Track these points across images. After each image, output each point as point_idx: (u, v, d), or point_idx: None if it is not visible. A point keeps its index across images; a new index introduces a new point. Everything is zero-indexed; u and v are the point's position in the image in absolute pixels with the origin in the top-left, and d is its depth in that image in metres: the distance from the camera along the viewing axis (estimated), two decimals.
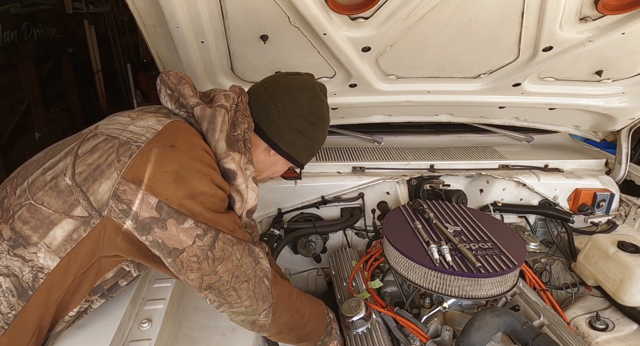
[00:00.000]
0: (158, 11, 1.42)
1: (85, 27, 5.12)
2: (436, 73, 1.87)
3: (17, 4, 3.86)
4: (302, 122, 1.23)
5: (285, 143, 1.24)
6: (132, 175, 0.96)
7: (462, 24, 1.52)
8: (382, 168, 2.13)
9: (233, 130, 1.13)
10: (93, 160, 0.99)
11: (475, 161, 2.20)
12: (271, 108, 1.22)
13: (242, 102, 1.21)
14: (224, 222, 1.06)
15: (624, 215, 2.11)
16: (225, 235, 1.05)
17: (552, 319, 1.36)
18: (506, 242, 1.47)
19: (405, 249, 1.41)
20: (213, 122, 1.08)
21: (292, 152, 1.27)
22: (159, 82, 1.16)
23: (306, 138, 1.25)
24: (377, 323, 1.38)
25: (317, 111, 1.25)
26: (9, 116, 3.88)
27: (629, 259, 1.54)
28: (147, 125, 1.05)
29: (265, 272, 1.15)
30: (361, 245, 2.08)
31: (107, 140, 1.01)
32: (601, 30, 1.53)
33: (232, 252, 1.06)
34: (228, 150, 1.08)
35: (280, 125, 1.22)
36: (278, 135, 1.23)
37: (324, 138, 1.35)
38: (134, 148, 0.99)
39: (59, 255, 0.97)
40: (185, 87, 1.14)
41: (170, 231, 0.97)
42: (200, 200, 1.00)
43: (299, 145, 1.26)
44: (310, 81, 1.28)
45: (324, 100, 1.29)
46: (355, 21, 1.50)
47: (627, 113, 2.09)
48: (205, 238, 1.01)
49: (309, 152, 1.31)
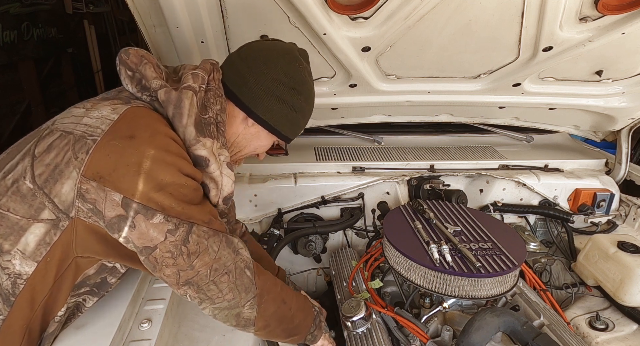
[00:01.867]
0: (158, 11, 1.42)
1: (85, 27, 5.12)
2: (436, 73, 1.87)
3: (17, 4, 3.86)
4: (280, 88, 1.13)
5: (263, 110, 1.15)
6: (91, 172, 0.90)
7: (462, 24, 1.52)
8: (382, 168, 2.13)
9: (204, 113, 1.05)
10: (50, 159, 0.92)
11: (475, 161, 2.20)
12: (246, 73, 1.13)
13: (214, 80, 1.12)
14: (197, 214, 0.99)
15: (624, 215, 2.11)
16: (199, 228, 0.99)
17: (552, 319, 1.36)
18: (506, 242, 1.47)
19: (405, 249, 1.41)
20: (179, 107, 0.99)
21: (273, 121, 1.17)
22: (118, 62, 1.06)
23: (287, 106, 1.16)
24: (377, 323, 1.38)
25: (297, 75, 1.15)
26: (9, 116, 3.88)
27: (629, 259, 1.54)
28: (101, 116, 0.96)
29: (246, 263, 1.10)
30: (361, 245, 2.08)
31: (62, 137, 0.94)
32: (601, 30, 1.53)
33: (208, 245, 1.00)
34: (198, 136, 1.01)
35: (256, 91, 1.13)
36: (255, 101, 1.14)
37: (309, 108, 1.24)
38: (90, 142, 0.91)
39: (35, 259, 0.94)
40: (147, 68, 1.03)
41: (140, 228, 0.92)
42: (168, 191, 0.94)
43: (279, 114, 1.16)
44: (288, 45, 1.21)
45: (305, 65, 1.20)
46: (355, 21, 1.50)
47: (627, 113, 2.09)
48: (177, 233, 0.95)
49: (292, 123, 1.21)
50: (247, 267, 1.10)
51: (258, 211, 1.99)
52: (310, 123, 2.28)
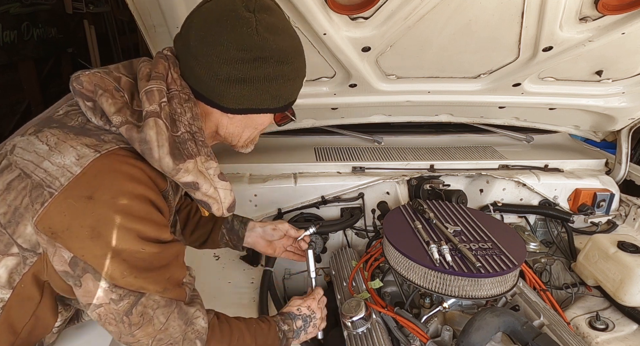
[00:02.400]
0: (158, 11, 1.42)
1: (85, 27, 5.12)
2: (436, 73, 1.87)
3: (17, 4, 3.86)
4: (238, 67, 0.94)
5: (230, 100, 0.99)
6: (43, 226, 0.85)
7: (462, 24, 1.52)
8: (382, 168, 2.13)
9: (174, 130, 0.93)
10: (11, 200, 0.88)
11: (475, 161, 2.20)
12: (195, 65, 0.97)
13: (175, 81, 0.97)
14: (150, 283, 0.92)
15: (624, 215, 2.11)
16: (149, 298, 0.92)
17: (552, 319, 1.36)
18: (506, 242, 1.47)
19: (405, 249, 1.41)
20: (145, 141, 0.88)
21: (250, 104, 1.01)
22: (72, 93, 0.94)
23: (257, 82, 0.98)
24: (377, 323, 1.38)
25: (250, 41, 0.93)
26: (9, 116, 3.88)
27: (629, 259, 1.54)
28: (63, 165, 0.86)
29: (198, 333, 1.02)
30: (361, 245, 2.08)
31: (21, 178, 0.88)
32: (601, 30, 1.53)
33: (154, 316, 0.93)
34: (177, 164, 0.90)
35: (212, 84, 0.97)
36: (216, 95, 0.99)
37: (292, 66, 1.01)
38: (47, 195, 0.85)
39: (10, 287, 0.92)
40: (103, 100, 0.90)
41: (86, 287, 0.87)
42: (122, 258, 0.87)
43: (253, 94, 0.99)
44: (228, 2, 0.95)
45: (260, 19, 0.94)
46: (355, 21, 1.50)
47: (627, 113, 2.09)
48: (120, 304, 0.89)
49: (278, 91, 1.02)
50: (198, 338, 1.02)
51: (258, 211, 1.99)
52: (310, 123, 2.31)
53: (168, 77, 0.97)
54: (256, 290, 1.60)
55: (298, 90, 1.09)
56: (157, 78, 0.94)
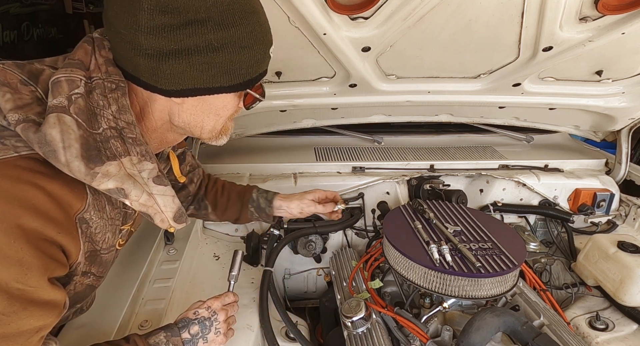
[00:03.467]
0: None
1: (85, 27, 5.12)
2: (436, 73, 1.87)
3: (17, 4, 3.86)
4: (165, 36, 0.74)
5: (166, 80, 0.79)
6: None
7: (462, 24, 1.52)
8: (382, 168, 2.13)
9: (95, 126, 0.76)
10: None
11: (475, 161, 2.20)
12: (117, 41, 0.78)
13: (99, 68, 0.80)
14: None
15: (624, 215, 2.11)
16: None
17: (552, 319, 1.36)
18: (506, 242, 1.47)
19: (405, 249, 1.41)
20: (46, 143, 0.71)
21: (195, 83, 0.80)
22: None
23: (196, 53, 0.77)
24: (377, 323, 1.38)
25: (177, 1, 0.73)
26: None
27: (629, 259, 1.54)
28: None
29: None
30: (361, 245, 2.08)
31: None
32: (601, 30, 1.53)
33: None
34: (91, 168, 0.74)
35: (139, 60, 0.77)
36: (148, 74, 0.79)
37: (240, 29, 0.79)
38: None
39: None
40: (0, 95, 0.73)
41: None
42: None
43: (194, 70, 0.79)
44: None
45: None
46: (355, 21, 1.50)
47: (627, 113, 2.09)
48: None
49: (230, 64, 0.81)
50: None
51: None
52: (310, 123, 2.31)
53: (90, 63, 0.80)
54: (256, 290, 1.60)
55: (261, 61, 0.86)
56: (69, 65, 0.78)
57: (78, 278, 0.90)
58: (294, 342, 1.40)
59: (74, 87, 0.75)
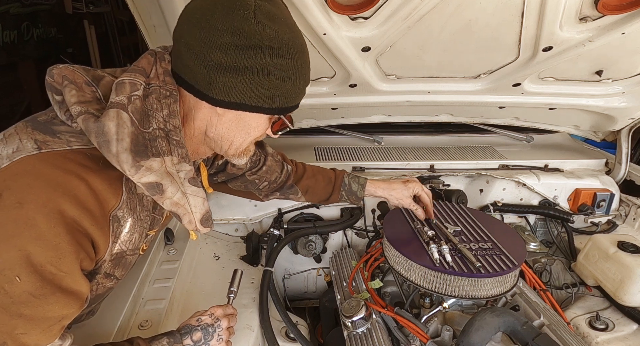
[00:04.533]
0: (158, 11, 1.42)
1: (85, 27, 5.12)
2: (436, 73, 1.87)
3: (17, 4, 3.86)
4: (229, 53, 0.84)
5: (219, 91, 0.88)
6: None
7: (462, 24, 1.52)
8: (382, 168, 2.13)
9: (146, 126, 0.85)
10: None
11: (475, 161, 2.20)
12: (183, 50, 0.87)
13: (157, 76, 0.90)
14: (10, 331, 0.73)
15: (624, 215, 2.11)
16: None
17: (552, 319, 1.36)
18: (506, 242, 1.47)
19: (405, 249, 1.41)
20: (103, 134, 0.79)
21: (241, 99, 0.89)
22: (46, 86, 0.89)
23: (250, 73, 0.86)
24: (377, 323, 1.38)
25: (245, 27, 0.83)
26: (9, 116, 3.88)
27: (629, 259, 1.54)
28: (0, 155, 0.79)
29: None
30: (361, 245, 2.08)
31: None
32: (601, 30, 1.53)
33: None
34: (138, 161, 0.82)
35: (200, 70, 0.86)
36: (205, 83, 0.87)
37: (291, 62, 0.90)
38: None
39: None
40: (67, 91, 0.84)
41: None
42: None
43: (245, 87, 0.88)
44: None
45: (261, 5, 0.85)
46: (355, 21, 1.50)
47: (627, 113, 2.09)
48: None
49: (275, 89, 0.90)
50: None
51: (258, 211, 1.99)
52: (310, 123, 2.31)
53: (151, 72, 0.90)
54: (256, 290, 1.60)
55: (298, 94, 0.96)
56: (134, 71, 0.89)
57: (100, 279, 0.96)
58: (294, 342, 1.41)
59: (134, 90, 0.85)
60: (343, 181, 1.61)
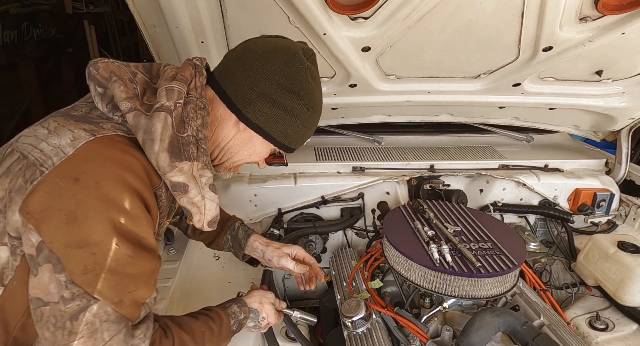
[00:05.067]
0: (158, 11, 1.42)
1: (85, 27, 5.12)
2: (436, 73, 1.87)
3: (17, 4, 3.86)
4: (276, 89, 1.03)
5: (255, 113, 1.04)
6: (27, 206, 0.82)
7: (462, 24, 1.52)
8: (382, 168, 2.13)
9: (181, 131, 0.95)
10: (7, 184, 0.87)
11: (475, 161, 2.20)
12: (238, 71, 1.03)
13: (196, 89, 1.02)
14: (109, 291, 0.84)
15: (624, 215, 2.11)
16: (102, 307, 0.83)
17: (552, 319, 1.36)
18: (506, 242, 1.47)
19: (405, 249, 1.41)
20: (150, 132, 0.89)
21: (266, 126, 1.06)
22: (87, 77, 0.97)
23: (283, 110, 1.05)
24: (377, 323, 1.38)
25: (297, 77, 1.04)
26: (9, 116, 3.88)
27: (629, 259, 1.54)
28: (58, 145, 0.86)
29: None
30: (361, 245, 2.08)
31: (19, 160, 0.87)
32: (601, 30, 1.53)
33: (98, 330, 0.83)
34: (173, 161, 0.91)
35: (247, 92, 1.03)
36: (246, 103, 1.04)
37: (312, 115, 1.12)
38: (37, 174, 0.83)
39: (2, 283, 0.89)
40: (116, 86, 0.93)
41: (41, 278, 0.81)
42: (90, 251, 0.81)
43: (273, 118, 1.06)
44: (291, 43, 1.10)
45: (309, 66, 1.07)
46: (355, 21, 1.50)
47: (627, 113, 2.09)
48: (69, 305, 0.81)
49: (291, 130, 1.09)
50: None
51: (258, 211, 1.99)
52: None
53: (191, 83, 1.01)
54: None
55: (301, 141, 1.16)
56: (181, 80, 0.99)
57: None
58: (294, 342, 1.40)
59: (179, 98, 0.96)
60: (233, 225, 1.55)
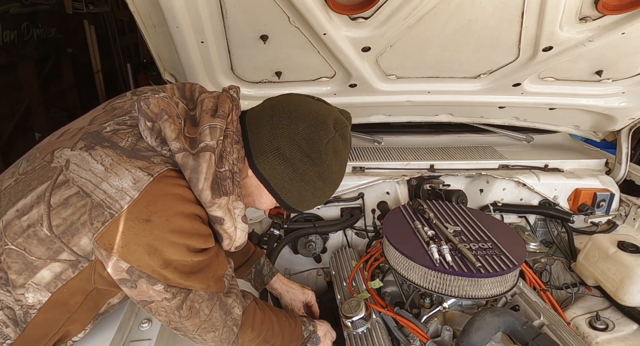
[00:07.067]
0: (158, 11, 1.42)
1: (85, 27, 5.12)
2: (436, 73, 1.87)
3: (17, 4, 3.86)
4: (293, 148, 1.05)
5: (262, 162, 1.07)
6: (104, 242, 0.91)
7: (462, 24, 1.52)
8: (382, 168, 2.13)
9: (220, 166, 1.00)
10: (67, 215, 0.93)
11: (475, 161, 2.20)
12: (265, 120, 1.07)
13: (232, 122, 1.06)
14: (197, 283, 1.01)
15: (624, 215, 2.11)
16: (196, 293, 1.03)
17: (552, 319, 1.36)
18: (506, 242, 1.47)
19: (405, 249, 1.41)
20: (197, 172, 0.95)
21: (271, 178, 1.09)
22: (137, 112, 1.01)
23: (294, 172, 1.07)
24: (377, 323, 1.38)
25: (317, 144, 1.05)
26: (9, 116, 3.87)
27: (629, 259, 1.54)
28: (122, 188, 0.92)
29: (235, 321, 1.14)
30: (361, 245, 2.08)
31: (80, 196, 0.93)
32: (601, 30, 1.53)
33: (200, 309, 1.04)
34: (213, 198, 0.98)
35: (264, 141, 1.07)
36: (258, 151, 1.07)
37: (324, 186, 1.13)
38: (107, 215, 0.91)
39: (49, 290, 0.97)
40: (166, 125, 0.98)
41: (140, 288, 0.96)
42: (173, 266, 0.96)
43: (282, 176, 1.08)
44: (328, 110, 1.11)
45: (336, 138, 1.08)
46: (355, 21, 1.50)
47: (627, 113, 2.09)
48: (173, 301, 0.99)
49: (297, 192, 1.12)
50: (235, 325, 1.14)
51: (258, 211, 1.99)
52: None
53: (229, 118, 1.05)
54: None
55: (306, 207, 1.18)
56: (222, 117, 1.03)
57: None
58: None
59: (220, 135, 1.00)
60: (259, 259, 1.61)
